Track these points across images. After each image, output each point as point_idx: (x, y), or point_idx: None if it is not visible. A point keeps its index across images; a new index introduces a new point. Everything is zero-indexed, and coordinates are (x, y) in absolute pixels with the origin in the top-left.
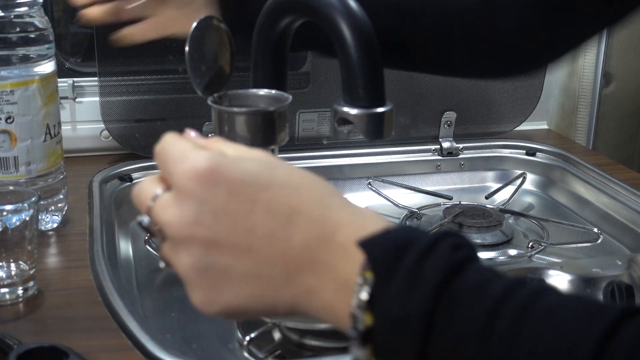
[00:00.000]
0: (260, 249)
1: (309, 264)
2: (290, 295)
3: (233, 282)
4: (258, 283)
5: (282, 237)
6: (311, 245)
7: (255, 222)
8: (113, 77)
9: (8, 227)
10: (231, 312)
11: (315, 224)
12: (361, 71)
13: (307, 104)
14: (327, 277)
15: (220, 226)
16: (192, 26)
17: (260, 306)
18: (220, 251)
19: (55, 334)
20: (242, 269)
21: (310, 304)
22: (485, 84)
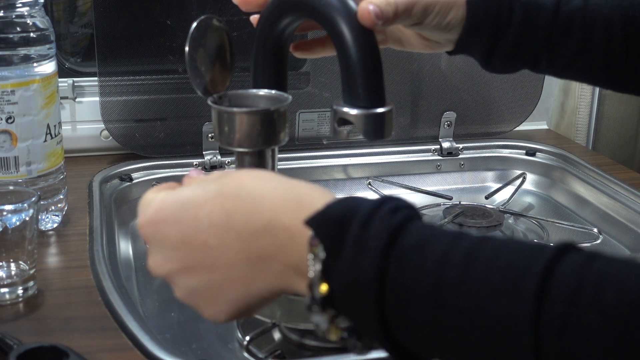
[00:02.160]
0: (220, 258)
1: (264, 252)
2: (267, 282)
3: (219, 293)
4: (237, 285)
5: (231, 239)
6: (259, 236)
7: (204, 237)
8: (113, 77)
9: (8, 227)
10: (235, 314)
11: (254, 216)
12: (361, 71)
13: (307, 104)
14: (283, 260)
15: (183, 254)
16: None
17: (253, 300)
18: (194, 273)
19: (55, 334)
20: (218, 280)
21: (287, 282)
22: (485, 84)
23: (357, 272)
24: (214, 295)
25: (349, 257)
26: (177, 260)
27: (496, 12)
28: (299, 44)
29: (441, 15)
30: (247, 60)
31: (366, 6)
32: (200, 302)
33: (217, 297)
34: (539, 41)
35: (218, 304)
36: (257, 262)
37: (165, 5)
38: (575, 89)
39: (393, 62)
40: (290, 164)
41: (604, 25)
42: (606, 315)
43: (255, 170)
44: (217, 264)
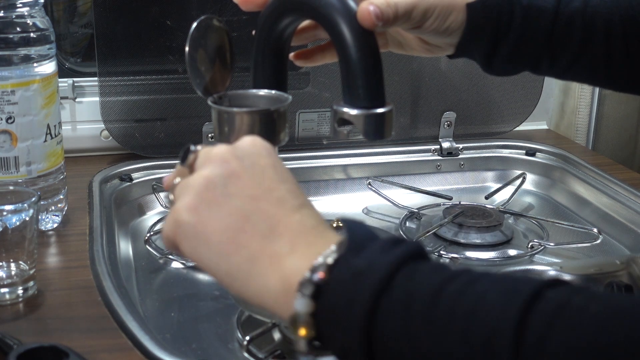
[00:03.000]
0: (264, 202)
1: (291, 235)
2: (258, 248)
3: (224, 206)
4: (242, 221)
5: (287, 208)
6: (302, 225)
7: (277, 187)
8: (113, 77)
9: (8, 227)
10: (201, 229)
11: (313, 219)
12: (361, 71)
13: (307, 104)
14: (294, 237)
15: (251, 172)
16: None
17: (228, 241)
18: (236, 182)
19: (55, 334)
20: (239, 204)
21: (267, 263)
22: (485, 84)
23: (372, 262)
24: (220, 202)
25: (370, 252)
26: (239, 166)
27: (496, 15)
28: (300, 53)
29: (441, 18)
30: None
31: (366, 7)
32: (202, 192)
33: (220, 205)
34: (539, 44)
35: (211, 210)
36: (275, 232)
37: (165, 5)
38: (575, 89)
39: (393, 62)
40: (290, 164)
41: (604, 27)
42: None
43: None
44: (256, 201)
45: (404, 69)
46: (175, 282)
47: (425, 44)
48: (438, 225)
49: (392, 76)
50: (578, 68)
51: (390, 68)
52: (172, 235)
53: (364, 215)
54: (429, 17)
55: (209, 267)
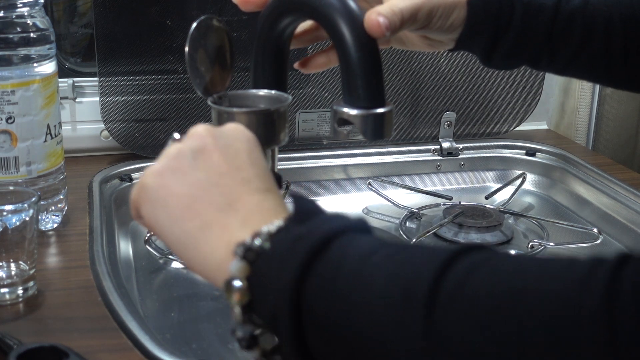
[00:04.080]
0: (228, 177)
1: (247, 211)
2: (211, 218)
3: (188, 175)
4: (202, 190)
5: (251, 187)
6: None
7: (245, 166)
8: (113, 77)
9: (8, 227)
10: (163, 193)
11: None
12: (361, 71)
13: (307, 104)
14: (252, 213)
15: (223, 149)
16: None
17: (185, 206)
18: (204, 155)
19: (55, 334)
20: (203, 175)
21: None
22: (485, 84)
23: (312, 228)
24: (184, 171)
25: (313, 222)
26: (213, 141)
27: (497, 11)
28: (304, 60)
29: (444, 17)
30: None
31: (375, 18)
32: (171, 159)
33: (184, 173)
34: (539, 40)
35: (175, 176)
36: (233, 200)
37: (165, 5)
38: (575, 89)
39: (393, 62)
40: (290, 164)
41: (604, 24)
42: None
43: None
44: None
45: (404, 69)
46: (175, 282)
47: (427, 39)
48: (438, 225)
49: (392, 76)
50: (577, 65)
51: (390, 68)
52: (135, 198)
53: (364, 216)
54: (433, 17)
55: (162, 232)
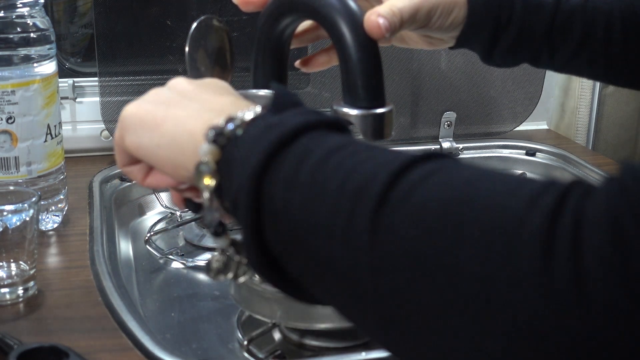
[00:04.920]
0: (203, 96)
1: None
2: (187, 114)
3: (164, 102)
4: (178, 103)
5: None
6: (235, 105)
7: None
8: (113, 77)
9: (8, 227)
10: (139, 114)
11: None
12: (361, 72)
13: (307, 104)
14: (226, 105)
15: (197, 87)
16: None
17: (161, 115)
18: (179, 92)
19: (56, 334)
20: (178, 98)
21: (193, 123)
22: (485, 84)
23: (283, 120)
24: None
25: (286, 114)
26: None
27: (497, 9)
28: (305, 59)
29: (444, 17)
30: (247, 60)
31: (375, 19)
32: (153, 94)
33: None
34: (539, 38)
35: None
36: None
37: (165, 5)
38: (575, 89)
39: (393, 62)
40: None
41: (604, 21)
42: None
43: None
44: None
45: (404, 69)
46: (175, 282)
47: (427, 37)
48: None
49: (392, 76)
50: (577, 62)
51: (390, 68)
52: (118, 135)
53: None
54: (433, 16)
55: (144, 147)
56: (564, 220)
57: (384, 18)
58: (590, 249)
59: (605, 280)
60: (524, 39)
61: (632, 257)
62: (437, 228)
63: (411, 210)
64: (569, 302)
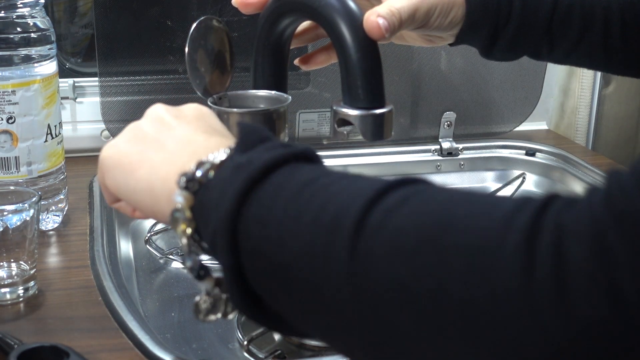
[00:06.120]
0: (177, 130)
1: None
2: (161, 159)
3: (141, 140)
4: (153, 145)
5: (199, 133)
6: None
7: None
8: (113, 77)
9: (9, 227)
10: (116, 157)
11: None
12: (361, 72)
13: (307, 104)
14: (198, 149)
15: (174, 117)
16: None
17: (136, 159)
18: (156, 124)
19: (56, 334)
20: (155, 136)
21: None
22: (485, 84)
23: (252, 158)
24: (142, 138)
25: (254, 152)
26: (167, 113)
27: (496, 6)
28: (305, 57)
29: (443, 16)
30: (247, 60)
31: (375, 20)
32: (128, 133)
33: (142, 140)
34: (538, 32)
35: (132, 143)
36: (182, 146)
37: (165, 5)
38: (575, 89)
39: (393, 62)
40: None
41: (602, 15)
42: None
43: None
44: (171, 131)
45: (404, 69)
46: (176, 282)
47: (427, 35)
48: None
49: (392, 76)
50: (577, 54)
51: (390, 68)
52: (99, 177)
53: None
54: (432, 16)
55: (122, 189)
56: (543, 236)
57: (383, 18)
58: (572, 263)
59: (589, 295)
60: (523, 35)
61: (618, 272)
62: (416, 253)
63: (389, 237)
64: (553, 318)
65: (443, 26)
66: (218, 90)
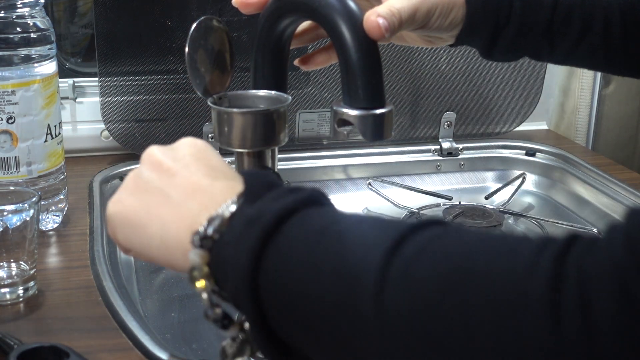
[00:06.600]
0: (179, 177)
1: (202, 197)
2: (170, 213)
3: (145, 191)
4: (159, 197)
5: (200, 177)
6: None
7: (194, 165)
8: (113, 77)
9: (9, 227)
10: (124, 214)
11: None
12: (361, 72)
13: (307, 104)
14: (204, 199)
15: (171, 159)
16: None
17: (145, 216)
18: (156, 170)
19: (56, 334)
20: (158, 185)
21: (178, 225)
22: (485, 84)
23: (263, 209)
24: (143, 189)
25: (262, 203)
26: (164, 156)
27: (496, 8)
28: (305, 57)
29: (443, 17)
30: (247, 60)
31: (375, 19)
32: (128, 185)
33: (142, 192)
34: (539, 33)
35: (135, 196)
36: (188, 196)
37: (165, 5)
38: (575, 90)
39: (393, 62)
40: (290, 164)
41: (602, 15)
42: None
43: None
44: (173, 178)
45: (404, 69)
46: (175, 282)
47: (427, 36)
48: None
49: (392, 76)
50: (577, 55)
51: (390, 68)
52: (110, 232)
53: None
54: (432, 17)
55: (136, 247)
56: (567, 287)
57: (383, 18)
58: (599, 317)
59: (616, 339)
60: (523, 36)
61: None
62: (442, 306)
63: (412, 288)
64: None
65: (443, 27)
66: (218, 90)
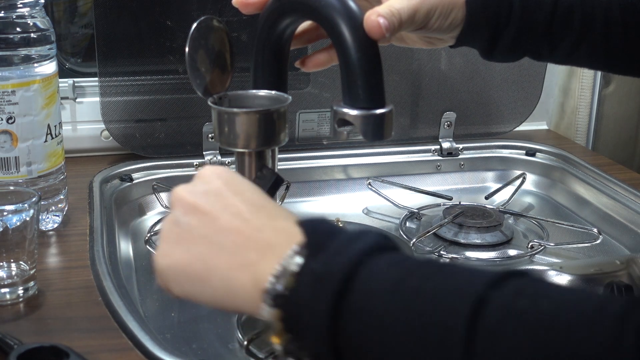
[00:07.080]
0: (223, 220)
1: (255, 243)
2: (228, 266)
3: (191, 240)
4: (209, 246)
5: (246, 218)
6: (263, 229)
7: (233, 202)
8: (113, 77)
9: (9, 227)
10: (179, 268)
11: (274, 220)
12: (361, 72)
13: (307, 104)
14: (260, 246)
15: (205, 199)
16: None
17: (202, 268)
18: (194, 214)
19: (56, 334)
20: (202, 232)
21: (240, 277)
22: (485, 84)
23: (329, 265)
24: (185, 238)
25: (327, 256)
26: (196, 197)
27: (496, 9)
28: (305, 58)
29: (442, 17)
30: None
31: (375, 19)
32: (168, 235)
33: (185, 241)
34: (539, 34)
35: (180, 247)
36: (241, 246)
37: (165, 5)
38: (575, 90)
39: (393, 62)
40: (290, 164)
41: (603, 15)
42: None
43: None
44: (216, 222)
45: (404, 69)
46: None
47: (427, 37)
48: (438, 226)
49: (392, 76)
50: (578, 55)
51: (390, 68)
52: (162, 284)
53: (364, 216)
54: (431, 18)
55: (200, 299)
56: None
57: (383, 18)
58: None
59: None
60: (523, 37)
61: None
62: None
63: (502, 346)
64: None
65: (443, 28)
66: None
